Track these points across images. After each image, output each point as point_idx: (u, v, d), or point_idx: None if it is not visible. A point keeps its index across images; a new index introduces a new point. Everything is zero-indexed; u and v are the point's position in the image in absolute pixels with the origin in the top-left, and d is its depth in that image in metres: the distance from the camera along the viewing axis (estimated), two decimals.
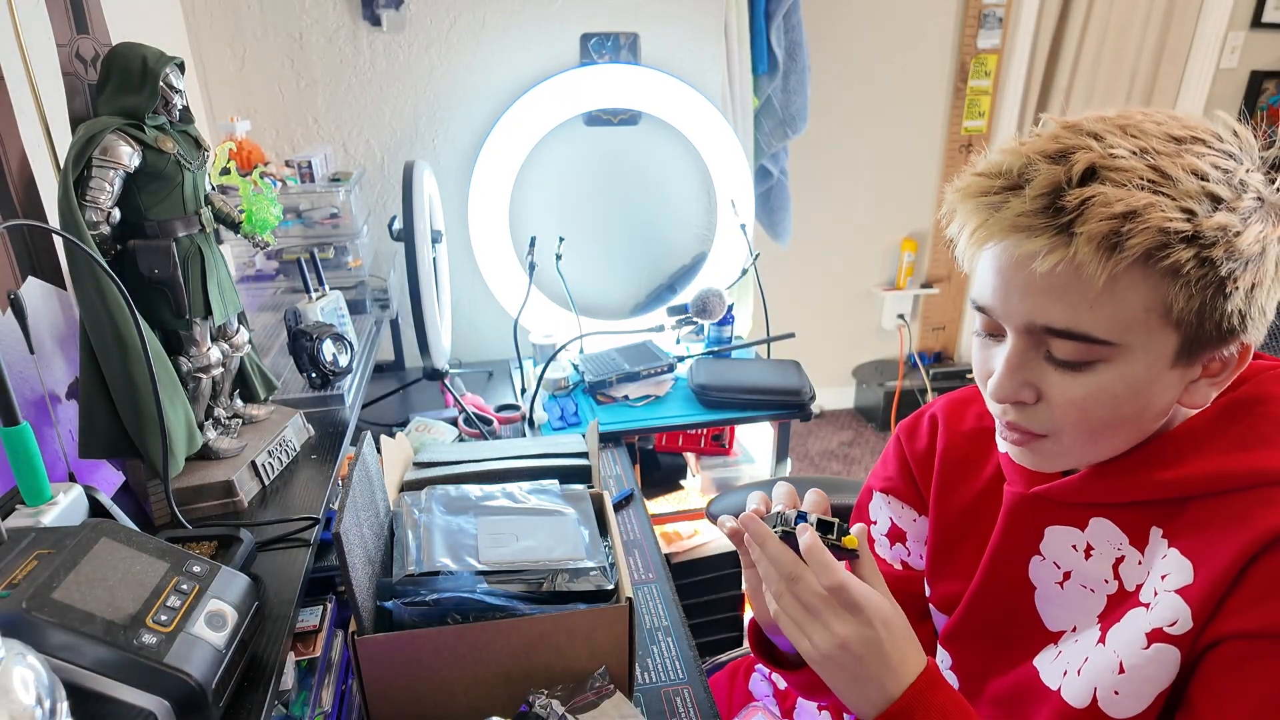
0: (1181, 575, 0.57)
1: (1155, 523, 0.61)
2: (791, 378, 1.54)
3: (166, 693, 0.56)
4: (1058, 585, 0.67)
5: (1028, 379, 0.59)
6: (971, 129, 2.82)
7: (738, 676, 1.06)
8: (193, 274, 0.88)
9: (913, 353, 3.12)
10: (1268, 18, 2.85)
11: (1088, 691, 0.60)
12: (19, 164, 0.87)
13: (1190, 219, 0.51)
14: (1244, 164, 0.54)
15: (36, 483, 0.67)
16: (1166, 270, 0.52)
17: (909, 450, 0.82)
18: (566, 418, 1.48)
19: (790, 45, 2.14)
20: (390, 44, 1.66)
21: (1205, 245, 0.51)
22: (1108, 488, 0.63)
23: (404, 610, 0.73)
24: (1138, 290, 0.53)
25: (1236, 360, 0.57)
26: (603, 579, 0.78)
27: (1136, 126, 0.54)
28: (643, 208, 1.93)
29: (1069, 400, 0.58)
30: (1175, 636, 0.56)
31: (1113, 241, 0.51)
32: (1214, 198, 0.52)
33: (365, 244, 1.53)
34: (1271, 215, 0.54)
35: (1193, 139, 0.54)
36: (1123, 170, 0.52)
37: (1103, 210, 0.51)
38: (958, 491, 0.77)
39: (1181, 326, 0.54)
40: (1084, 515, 0.65)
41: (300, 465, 0.99)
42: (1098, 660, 0.61)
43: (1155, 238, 0.50)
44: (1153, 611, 0.58)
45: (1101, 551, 0.64)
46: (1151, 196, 0.51)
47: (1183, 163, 0.52)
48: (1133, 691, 0.58)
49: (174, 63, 0.84)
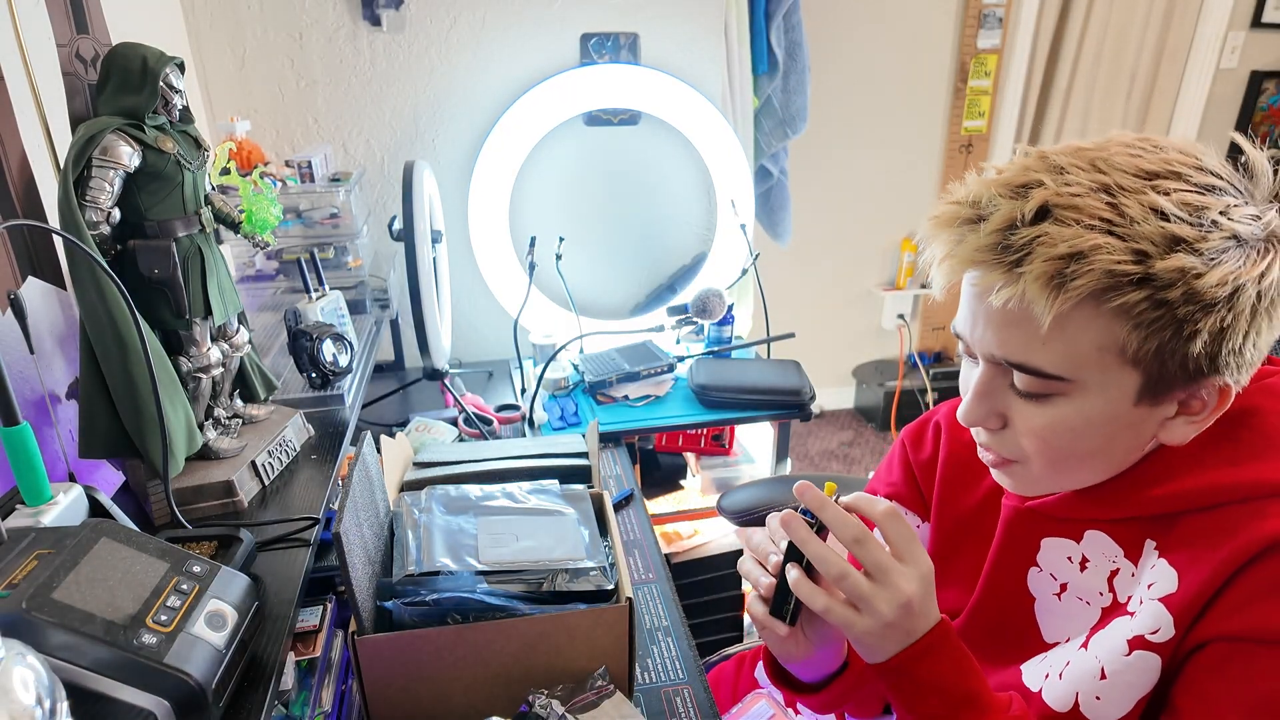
0: (1166, 584, 0.58)
1: (1149, 535, 0.61)
2: (791, 378, 1.54)
3: (166, 693, 0.56)
4: (1055, 597, 0.68)
5: (995, 406, 0.61)
6: (971, 129, 2.82)
7: (743, 666, 1.06)
8: (193, 274, 0.88)
9: (913, 353, 3.12)
10: (1268, 18, 2.85)
11: (1069, 695, 0.61)
12: (19, 164, 0.87)
13: (1141, 260, 0.50)
14: (1227, 198, 0.52)
15: (36, 483, 0.67)
16: (1117, 311, 0.51)
17: (914, 458, 0.83)
18: (566, 418, 1.48)
19: (790, 45, 2.14)
20: (390, 44, 1.66)
21: (1160, 287, 0.50)
22: (1099, 504, 0.63)
23: (404, 610, 0.73)
24: (1088, 329, 0.53)
25: (1216, 401, 0.56)
26: (603, 579, 0.78)
27: (1107, 160, 0.54)
28: (643, 208, 1.93)
29: (1030, 429, 0.59)
30: (1157, 644, 0.57)
31: (1057, 282, 0.51)
32: (1172, 240, 0.50)
33: (365, 244, 1.53)
34: (1251, 254, 0.51)
35: (1169, 173, 0.53)
36: (1075, 209, 0.51)
37: (1047, 250, 0.51)
38: (958, 500, 0.77)
39: (1140, 365, 0.54)
40: (1079, 528, 0.65)
41: (300, 465, 0.99)
42: (1079, 665, 0.62)
43: (1101, 280, 0.50)
44: (1136, 619, 0.59)
45: (1096, 564, 0.64)
46: (1101, 238, 0.50)
47: (1146, 199, 0.51)
48: (1114, 697, 0.59)
49: (174, 63, 0.84)
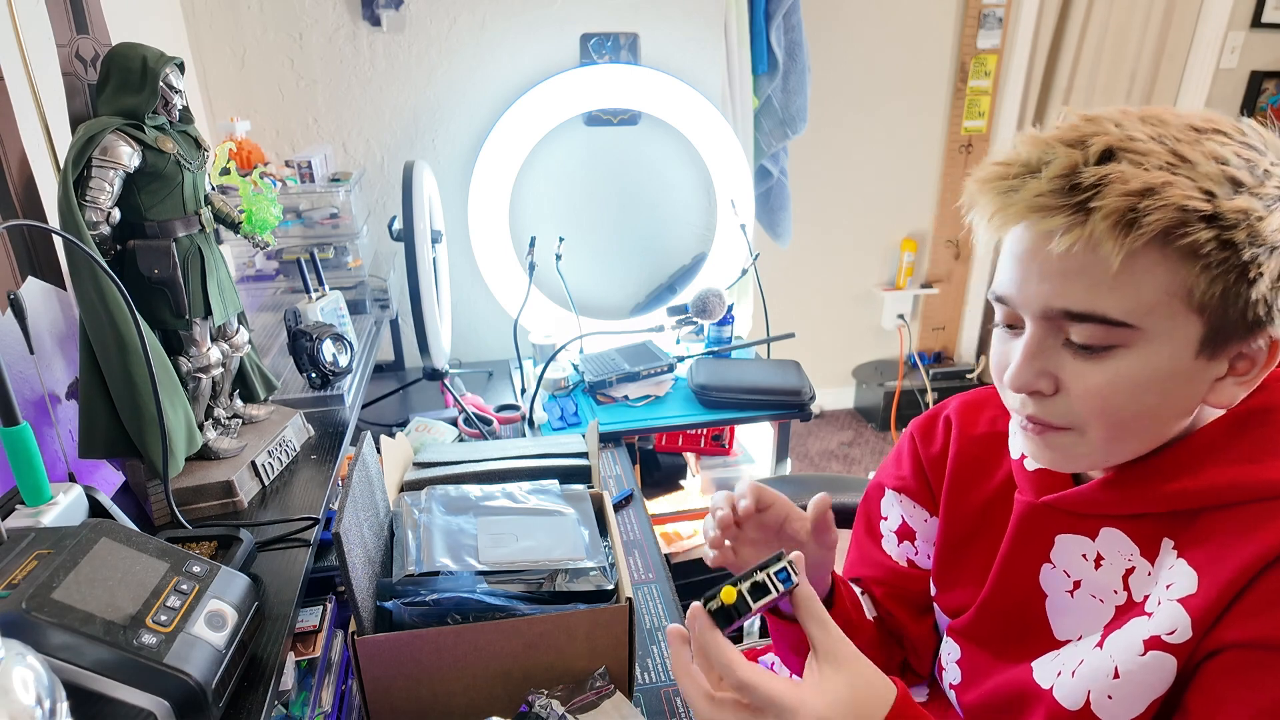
0: (1185, 585, 0.56)
1: (1167, 534, 0.60)
2: (791, 378, 1.54)
3: (166, 693, 0.56)
4: (1068, 594, 0.66)
5: (1046, 367, 0.58)
6: (971, 129, 2.82)
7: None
8: (192, 274, 0.88)
9: (912, 353, 3.12)
10: (1268, 18, 2.85)
11: (1081, 694, 0.60)
12: (19, 164, 0.87)
13: (1210, 199, 0.50)
14: (1267, 157, 0.53)
15: (36, 483, 0.67)
16: (1186, 250, 0.51)
17: (923, 452, 0.81)
18: (566, 418, 1.48)
19: (790, 45, 2.14)
20: (390, 44, 1.66)
21: (1226, 227, 0.50)
22: (1117, 499, 0.61)
23: (404, 610, 0.73)
24: (1156, 271, 0.52)
25: (1265, 358, 0.55)
26: (603, 579, 0.78)
27: (1156, 117, 0.54)
28: (643, 208, 1.93)
29: (1088, 389, 0.56)
30: (1173, 645, 0.56)
31: (1129, 218, 0.50)
32: (1235, 182, 0.51)
33: (365, 244, 1.53)
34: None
35: (1214, 130, 0.53)
36: (1141, 152, 0.51)
37: (1120, 187, 0.50)
38: (968, 496, 0.76)
39: (1205, 313, 0.52)
40: (1095, 525, 0.64)
41: (300, 465, 0.99)
42: (1093, 663, 0.61)
43: (1174, 215, 0.50)
44: (1153, 620, 0.58)
45: (1112, 562, 0.63)
46: (1170, 175, 0.50)
47: (1203, 149, 0.52)
48: (1126, 696, 0.58)
49: (174, 63, 0.84)
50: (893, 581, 0.85)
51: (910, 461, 0.83)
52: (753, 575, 0.56)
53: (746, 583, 0.55)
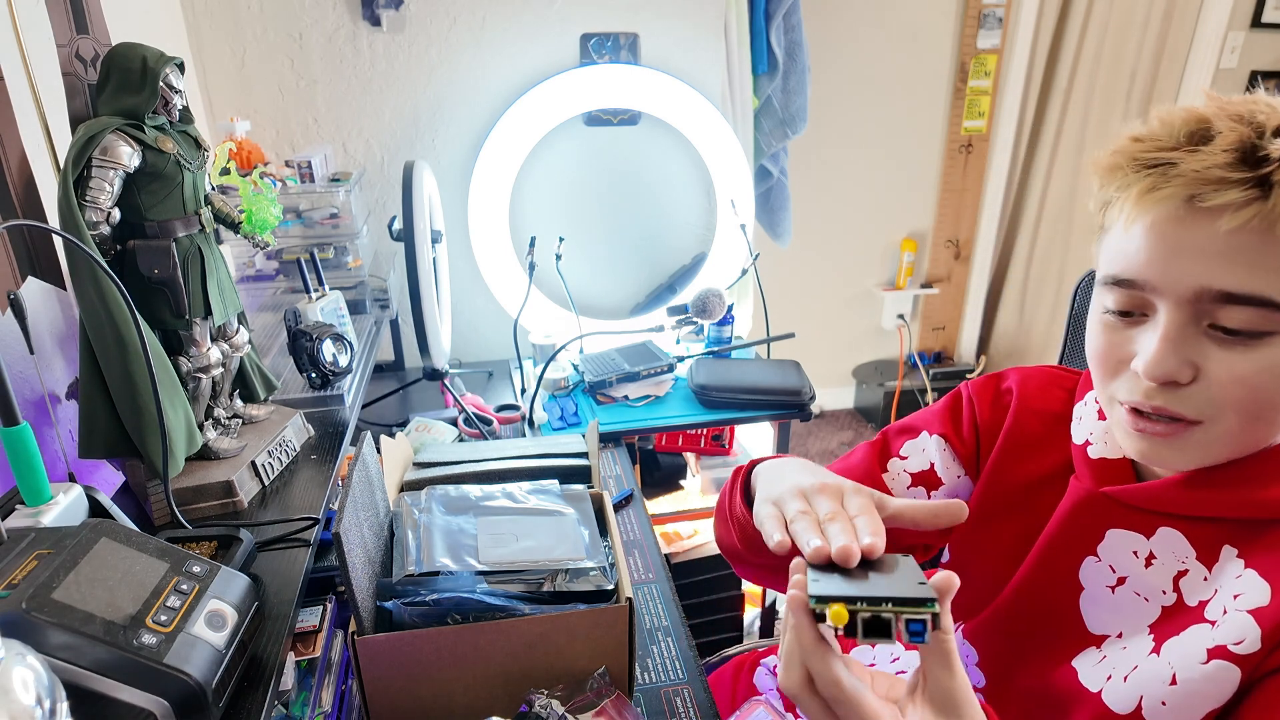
0: (1257, 596, 0.54)
1: (1229, 541, 0.58)
2: (791, 378, 1.54)
3: (166, 693, 0.56)
4: (1109, 589, 0.64)
5: (1189, 357, 0.54)
6: (971, 129, 2.82)
7: (742, 671, 1.06)
8: (192, 274, 0.88)
9: (912, 353, 3.12)
10: (1268, 18, 2.85)
11: (1133, 698, 0.58)
12: (19, 164, 0.87)
13: None
14: None
15: (36, 483, 0.67)
16: None
17: (980, 413, 0.78)
18: (566, 418, 1.48)
19: (790, 45, 2.14)
20: (390, 44, 1.66)
21: None
22: (1191, 499, 0.59)
23: (404, 610, 0.73)
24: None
25: None
26: (603, 579, 0.78)
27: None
28: (643, 207, 1.93)
29: (1234, 377, 0.52)
30: (1240, 656, 0.54)
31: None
32: None
33: (365, 244, 1.53)
34: None
35: None
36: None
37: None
38: (1017, 469, 0.73)
39: None
40: (1154, 523, 0.62)
41: (300, 465, 0.99)
42: (1148, 670, 0.59)
43: None
44: (1219, 629, 0.56)
45: (1164, 562, 0.61)
46: None
47: None
48: (1181, 705, 0.56)
49: (174, 63, 0.84)
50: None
51: (967, 418, 0.79)
52: (880, 607, 0.46)
53: (868, 612, 0.46)
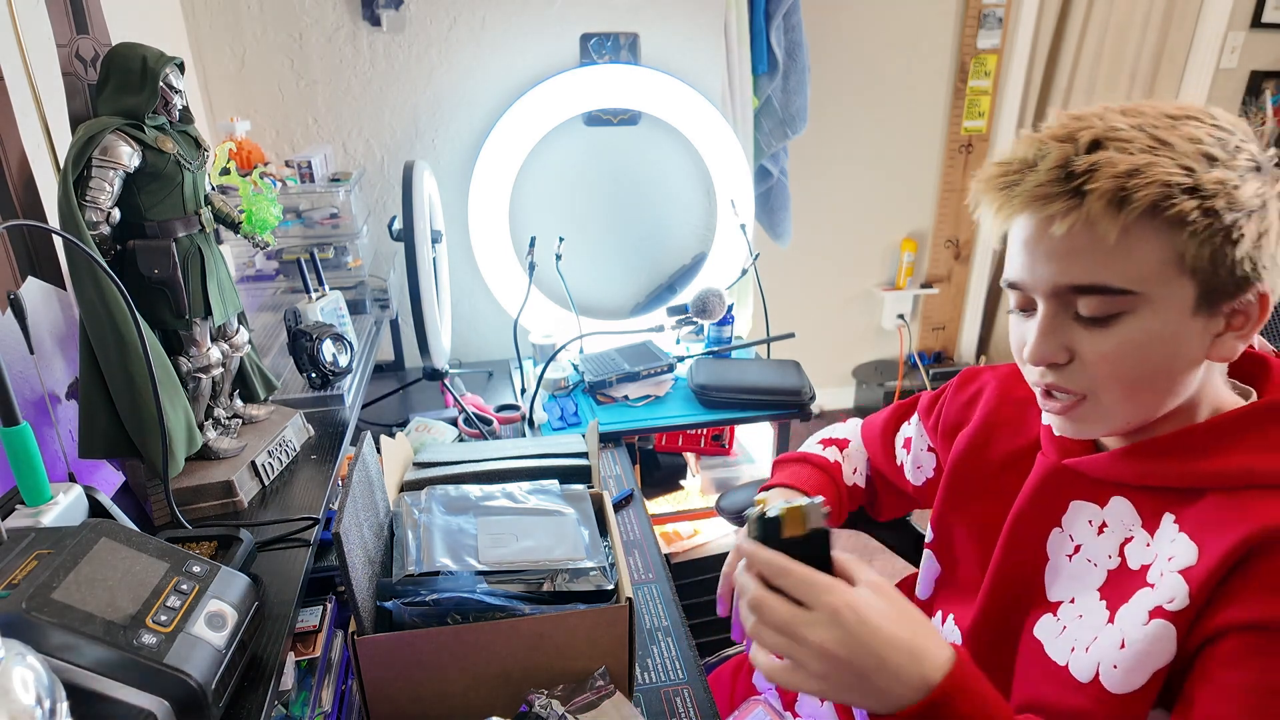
0: (1187, 557, 0.60)
1: (1169, 508, 0.63)
2: (791, 378, 1.54)
3: (166, 693, 0.56)
4: (1067, 558, 0.70)
5: (1061, 341, 0.63)
6: (971, 129, 2.82)
7: (740, 670, 1.07)
8: (192, 274, 0.88)
9: (912, 353, 3.12)
10: (1268, 18, 2.85)
11: (1092, 667, 0.63)
12: (19, 164, 0.87)
13: (1190, 174, 0.56)
14: (1236, 136, 0.59)
15: (36, 483, 0.67)
16: (1173, 220, 0.56)
17: (953, 396, 0.87)
18: (566, 418, 1.48)
19: (790, 45, 2.14)
20: (390, 44, 1.66)
21: (1207, 196, 0.55)
22: (1133, 469, 0.65)
23: (404, 610, 0.73)
24: (1149, 241, 0.57)
25: (1258, 312, 0.60)
26: (603, 579, 0.78)
27: (1134, 109, 0.60)
28: (643, 208, 1.93)
29: (1100, 355, 0.61)
30: (1172, 613, 0.59)
31: (1120, 196, 0.56)
32: (1209, 157, 0.57)
33: (365, 244, 1.53)
34: (1268, 177, 0.58)
35: (1187, 116, 0.59)
36: (1124, 140, 0.58)
37: (1109, 170, 0.56)
38: (991, 451, 0.80)
39: (1197, 275, 0.57)
40: (1107, 493, 0.68)
41: (300, 465, 0.99)
42: (1105, 638, 0.63)
43: (1159, 190, 0.55)
44: (1156, 590, 0.61)
45: (1114, 530, 0.67)
46: (1152, 157, 0.56)
47: (1178, 132, 0.58)
48: (1131, 666, 0.60)
49: (174, 63, 0.84)
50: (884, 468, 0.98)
51: (941, 403, 0.90)
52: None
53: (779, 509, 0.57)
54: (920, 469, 0.93)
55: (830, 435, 1.04)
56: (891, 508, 1.02)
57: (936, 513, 0.84)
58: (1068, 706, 0.64)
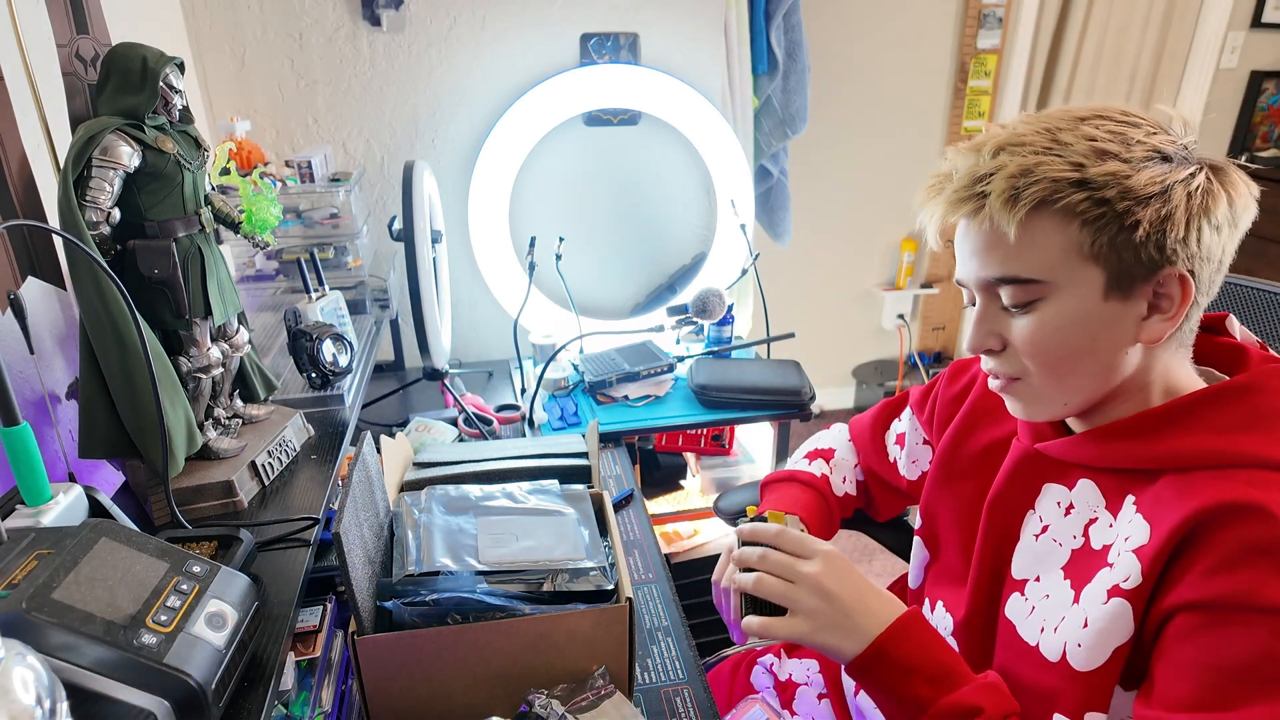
0: (1140, 536, 0.62)
1: (1131, 490, 0.66)
2: (791, 378, 1.54)
3: (166, 693, 0.56)
4: (1034, 537, 0.73)
5: (992, 329, 0.69)
6: (971, 129, 2.82)
7: (739, 669, 1.07)
8: (193, 274, 0.88)
9: (912, 353, 3.12)
10: (1268, 18, 2.85)
11: (1060, 646, 0.66)
12: (19, 164, 0.87)
13: (1079, 169, 0.60)
14: (1147, 128, 0.62)
15: (36, 483, 0.67)
16: (1065, 211, 0.61)
17: (944, 389, 0.90)
18: (566, 418, 1.48)
19: (790, 45, 2.14)
20: (390, 44, 1.66)
21: (1096, 188, 0.60)
22: (1093, 452, 0.69)
23: (404, 610, 0.73)
24: (1048, 233, 0.62)
25: (1181, 295, 0.62)
26: (603, 579, 0.78)
27: (1048, 115, 0.65)
28: (643, 208, 1.93)
29: (1024, 339, 0.66)
30: (1127, 591, 0.61)
31: (1012, 195, 0.62)
32: (1103, 153, 0.61)
33: (365, 244, 1.53)
34: (1176, 166, 0.61)
35: (1096, 116, 0.64)
36: (1022, 144, 0.63)
37: (1004, 173, 0.62)
38: (975, 437, 0.83)
39: (1100, 261, 0.62)
40: (1074, 475, 0.71)
41: (300, 465, 0.99)
42: (1071, 618, 0.66)
43: (1047, 186, 0.61)
44: (1114, 570, 0.64)
45: (1079, 511, 0.70)
46: (1044, 157, 0.62)
47: (1078, 132, 0.62)
48: (1093, 644, 0.63)
49: (174, 63, 0.84)
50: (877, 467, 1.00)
51: (933, 394, 0.93)
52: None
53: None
54: (915, 463, 0.94)
55: (816, 447, 1.05)
56: (888, 507, 1.02)
57: (925, 500, 0.87)
58: (1039, 686, 0.68)
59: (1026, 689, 0.69)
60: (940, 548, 0.85)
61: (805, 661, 1.02)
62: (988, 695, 0.64)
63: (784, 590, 0.69)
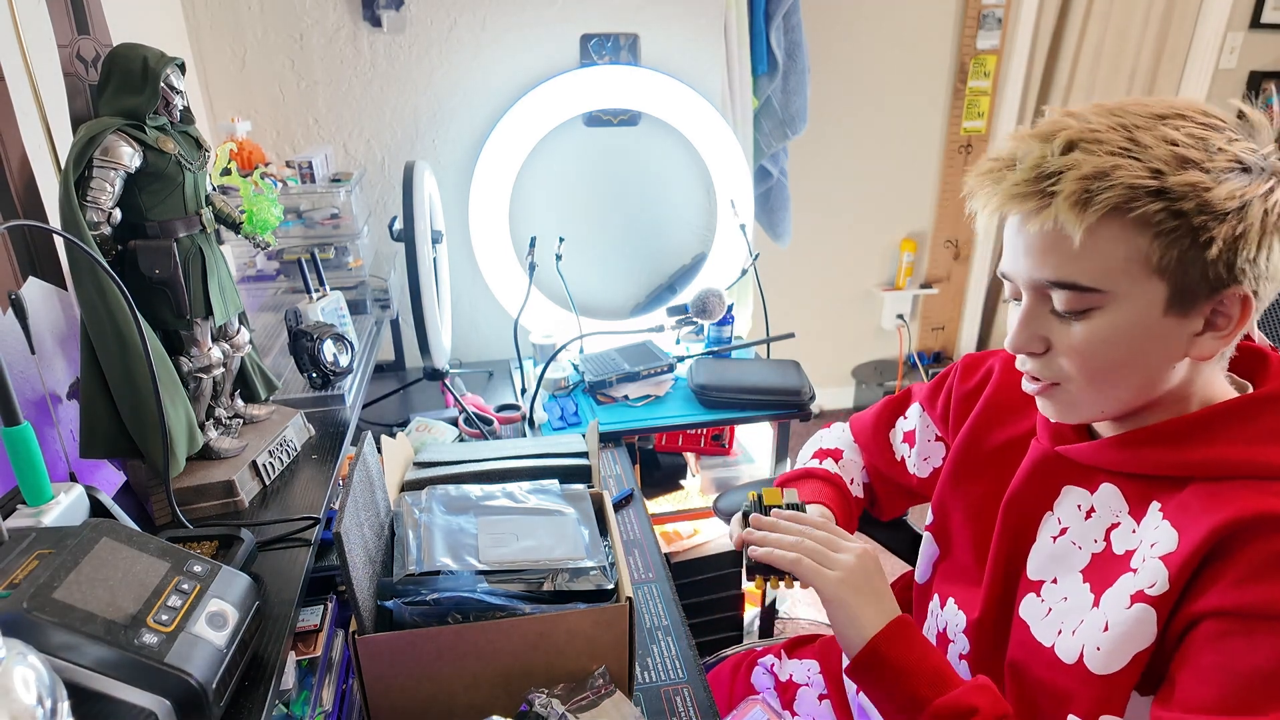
0: (1167, 543, 0.61)
1: (1156, 496, 0.65)
2: (791, 378, 1.54)
3: (167, 692, 0.56)
4: (1052, 539, 0.72)
5: (1037, 331, 0.66)
6: (971, 129, 2.82)
7: (740, 670, 1.07)
8: (193, 274, 0.88)
9: (912, 353, 3.12)
10: (1267, 18, 2.85)
11: (1076, 649, 0.65)
12: (20, 164, 0.87)
13: (1158, 177, 0.56)
14: (1229, 133, 0.59)
15: (37, 482, 0.67)
16: (1138, 222, 0.57)
17: (959, 385, 0.88)
18: (566, 418, 1.49)
19: (790, 45, 2.14)
20: (391, 45, 1.66)
21: (1174, 199, 0.56)
22: (1121, 457, 0.67)
23: (404, 610, 0.74)
24: (1116, 242, 0.58)
25: (1240, 315, 0.60)
26: (603, 579, 0.78)
27: (1122, 107, 0.61)
28: (643, 208, 1.93)
29: (1070, 347, 0.64)
30: (1153, 598, 0.60)
31: (1084, 198, 0.57)
32: (1183, 160, 0.57)
33: (365, 244, 1.53)
34: (1256, 178, 0.57)
35: (1175, 114, 0.59)
36: (1098, 142, 0.59)
37: (1075, 173, 0.58)
38: (992, 435, 0.82)
39: (1166, 275, 0.58)
40: (1097, 479, 0.69)
41: (301, 465, 0.99)
42: (1090, 621, 0.65)
43: (1123, 193, 0.57)
44: (1139, 575, 0.63)
45: (1101, 515, 0.69)
46: (1121, 160, 0.57)
47: (1157, 132, 0.58)
48: (1112, 649, 0.62)
49: (175, 63, 0.85)
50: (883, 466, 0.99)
51: (945, 390, 0.91)
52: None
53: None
54: (927, 460, 0.93)
55: (823, 446, 1.04)
56: (893, 506, 1.02)
57: (938, 496, 0.86)
58: (1053, 687, 0.67)
59: (1039, 689, 0.68)
60: (952, 544, 0.85)
61: (806, 662, 1.02)
62: (982, 696, 0.64)
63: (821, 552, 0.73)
